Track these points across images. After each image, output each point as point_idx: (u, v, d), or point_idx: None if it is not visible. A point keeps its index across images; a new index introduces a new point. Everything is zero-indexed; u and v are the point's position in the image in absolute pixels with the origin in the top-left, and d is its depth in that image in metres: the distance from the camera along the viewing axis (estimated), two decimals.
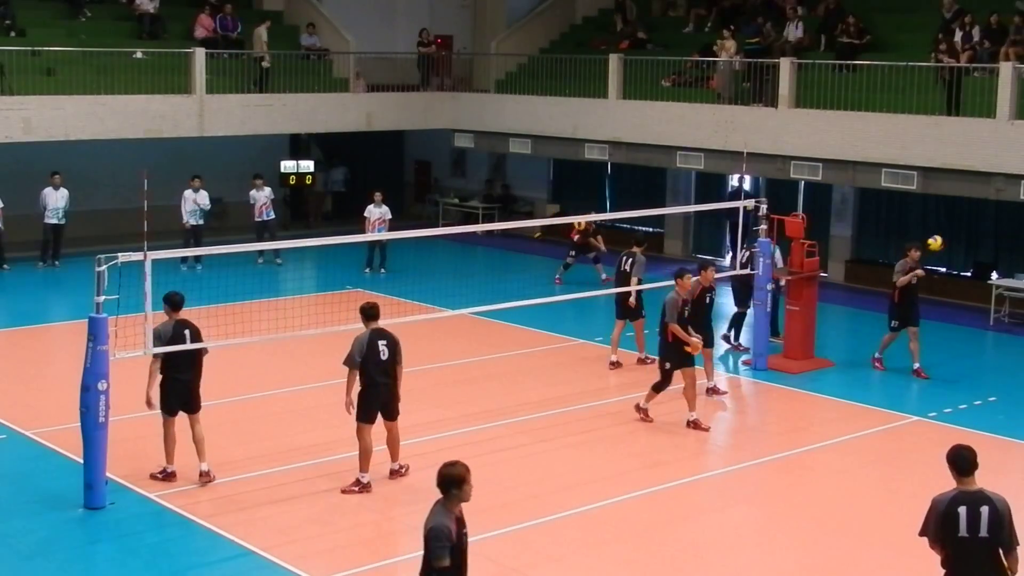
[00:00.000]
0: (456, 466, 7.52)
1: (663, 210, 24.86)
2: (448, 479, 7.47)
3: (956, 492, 7.79)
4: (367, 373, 11.87)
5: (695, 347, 14.00)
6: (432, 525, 7.42)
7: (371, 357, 11.83)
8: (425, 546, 7.47)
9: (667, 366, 14.15)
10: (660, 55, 26.39)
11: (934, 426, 14.81)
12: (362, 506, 11.79)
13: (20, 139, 23.08)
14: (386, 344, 11.94)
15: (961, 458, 7.84)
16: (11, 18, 24.68)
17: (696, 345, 14.01)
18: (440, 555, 7.38)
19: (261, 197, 24.83)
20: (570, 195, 29.78)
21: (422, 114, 28.89)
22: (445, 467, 7.55)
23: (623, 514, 11.75)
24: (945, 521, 7.72)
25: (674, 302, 14.01)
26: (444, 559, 7.38)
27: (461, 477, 7.48)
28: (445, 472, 7.51)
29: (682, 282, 14.18)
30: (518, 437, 13.91)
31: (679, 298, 14.06)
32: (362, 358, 11.81)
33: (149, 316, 11.96)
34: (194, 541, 10.92)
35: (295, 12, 29.18)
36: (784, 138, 22.64)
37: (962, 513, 7.68)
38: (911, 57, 21.66)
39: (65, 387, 13.44)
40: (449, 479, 7.47)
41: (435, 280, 21.70)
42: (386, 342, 11.95)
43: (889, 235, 24.16)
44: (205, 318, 17.08)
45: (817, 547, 11.14)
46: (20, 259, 23.68)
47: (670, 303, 14.03)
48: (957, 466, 7.83)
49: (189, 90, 24.89)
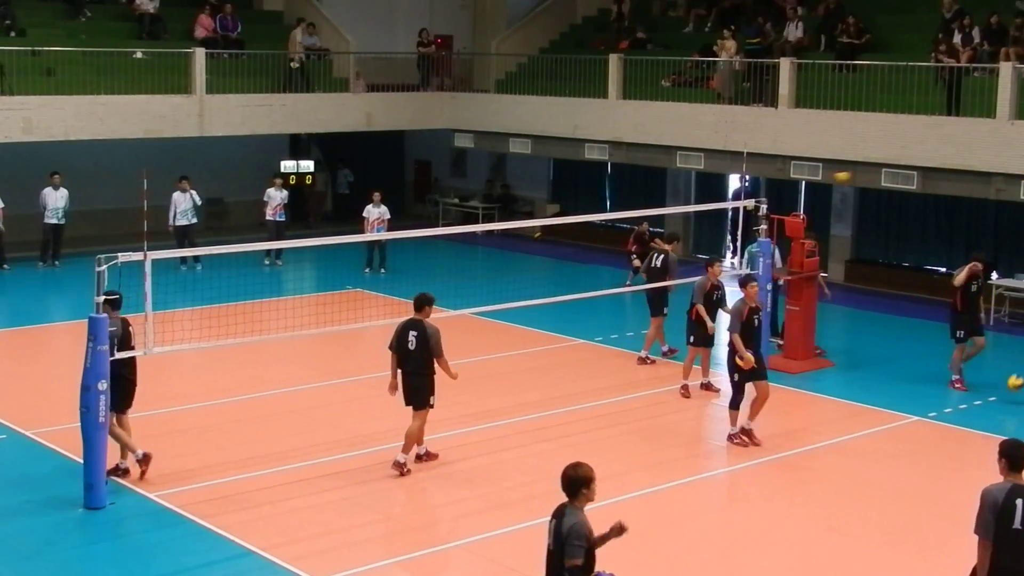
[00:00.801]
0: (583, 467, 7.58)
1: (663, 210, 24.85)
2: (579, 480, 7.53)
3: (1012, 485, 7.85)
4: (399, 361, 12.47)
5: (747, 363, 13.30)
6: (573, 523, 7.47)
7: (400, 346, 12.41)
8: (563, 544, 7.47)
9: (735, 378, 13.57)
10: (660, 55, 26.39)
11: (934, 426, 14.81)
12: (362, 506, 11.79)
13: (20, 139, 23.08)
14: (416, 336, 12.31)
15: (1018, 452, 7.92)
16: (11, 18, 24.67)
17: (749, 361, 13.29)
18: (576, 554, 7.42)
19: (277, 197, 24.84)
20: (570, 195, 29.79)
21: (422, 114, 28.89)
22: (573, 469, 7.57)
23: (623, 514, 11.65)
24: (1002, 514, 7.77)
25: (739, 311, 13.53)
26: (579, 558, 7.44)
27: (590, 477, 7.55)
28: (574, 474, 7.55)
29: (748, 290, 13.63)
30: (518, 437, 13.91)
31: (744, 307, 13.53)
32: (391, 346, 12.49)
33: (149, 316, 11.97)
34: (194, 541, 10.92)
35: (295, 12, 29.18)
36: (784, 138, 22.64)
37: (1019, 506, 7.75)
38: (911, 57, 21.66)
39: (65, 387, 13.43)
40: (579, 480, 7.53)
41: (435, 280, 21.68)
42: (416, 333, 12.32)
43: (889, 235, 24.16)
44: (205, 318, 17.16)
45: (817, 547, 11.14)
46: (20, 259, 23.68)
47: (735, 312, 13.61)
48: (1012, 460, 7.92)
49: (189, 90, 24.89)
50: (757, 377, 13.56)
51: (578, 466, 7.59)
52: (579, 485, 7.53)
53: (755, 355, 13.42)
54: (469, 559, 10.72)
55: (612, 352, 18.13)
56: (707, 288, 15.39)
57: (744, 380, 13.53)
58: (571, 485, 7.55)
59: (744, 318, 13.43)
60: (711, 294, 15.52)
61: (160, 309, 12.09)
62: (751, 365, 13.32)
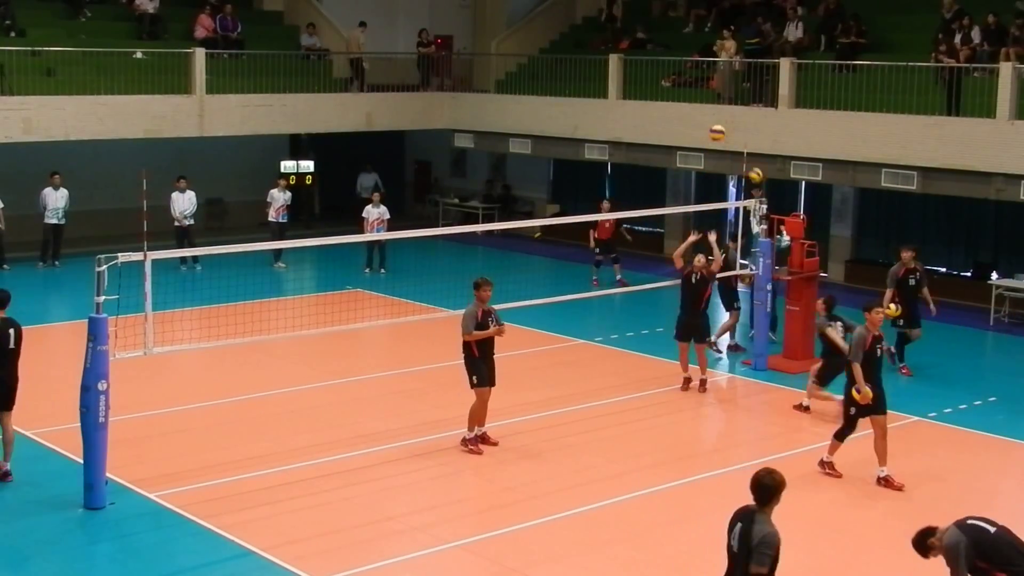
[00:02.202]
0: (776, 474, 7.46)
1: (663, 210, 24.84)
2: (773, 487, 7.42)
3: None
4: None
5: (864, 398, 12.35)
6: (766, 532, 7.36)
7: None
8: (750, 550, 7.39)
9: (852, 411, 12.61)
10: (660, 55, 26.39)
11: (934, 426, 14.81)
12: (362, 506, 11.79)
13: (20, 139, 23.08)
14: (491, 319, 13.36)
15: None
16: (11, 18, 24.67)
17: (867, 396, 12.34)
18: (764, 563, 7.34)
19: (281, 198, 24.79)
20: (570, 195, 29.77)
21: (422, 114, 28.89)
22: (768, 476, 7.46)
23: (623, 514, 11.75)
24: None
25: (862, 339, 12.49)
26: (766, 567, 7.35)
27: (783, 485, 7.45)
28: (769, 481, 7.44)
29: (872, 316, 12.62)
30: (518, 437, 13.90)
31: (868, 334, 12.52)
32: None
33: (149, 316, 11.97)
34: (194, 541, 10.92)
35: (295, 12, 29.19)
36: (784, 138, 22.63)
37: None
38: (911, 57, 21.66)
39: (65, 387, 13.43)
40: (774, 487, 7.43)
41: (435, 280, 21.68)
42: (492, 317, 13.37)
43: (889, 235, 24.15)
44: (205, 318, 17.18)
45: (817, 547, 11.14)
46: (20, 259, 23.66)
47: (858, 340, 12.52)
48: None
49: (189, 90, 24.89)
50: (874, 412, 12.56)
51: (772, 473, 7.46)
52: (773, 492, 7.42)
53: (874, 389, 12.46)
54: (469, 559, 10.72)
55: (612, 352, 18.14)
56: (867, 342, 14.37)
57: (860, 415, 12.59)
58: (765, 492, 7.43)
59: (868, 347, 12.44)
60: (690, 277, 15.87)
61: (160, 309, 12.08)
62: (868, 401, 12.38)
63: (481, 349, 13.33)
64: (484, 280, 13.43)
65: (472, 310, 13.31)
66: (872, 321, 12.55)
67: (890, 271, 16.94)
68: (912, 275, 16.77)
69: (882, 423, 12.58)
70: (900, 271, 16.73)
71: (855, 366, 12.40)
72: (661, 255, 25.85)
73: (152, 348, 12.12)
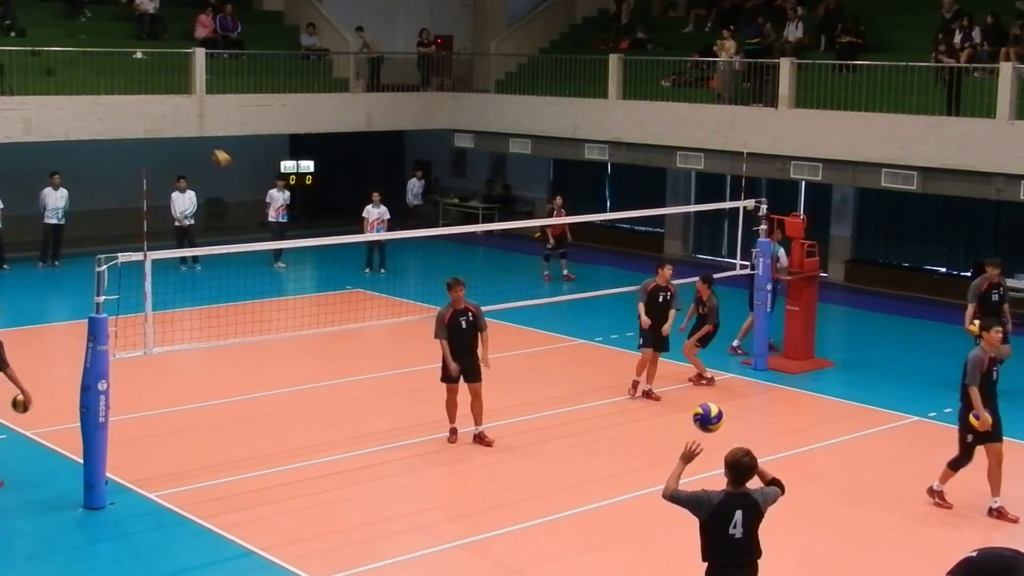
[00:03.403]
0: (750, 452, 8.12)
1: (663, 210, 24.84)
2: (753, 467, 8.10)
3: None
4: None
5: (984, 424, 11.37)
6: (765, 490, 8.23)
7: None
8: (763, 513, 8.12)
9: (969, 439, 11.63)
10: (660, 55, 26.39)
11: (934, 426, 14.81)
12: (362, 506, 11.79)
13: (20, 139, 23.07)
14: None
15: None
16: (11, 18, 24.67)
17: (986, 422, 11.36)
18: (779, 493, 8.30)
19: (280, 198, 24.79)
20: (570, 195, 29.70)
21: (422, 114, 28.89)
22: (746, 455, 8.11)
23: (623, 514, 11.75)
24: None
25: (980, 361, 11.45)
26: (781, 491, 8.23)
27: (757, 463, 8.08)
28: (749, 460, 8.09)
29: (989, 336, 11.60)
30: (518, 437, 13.91)
31: (985, 356, 11.49)
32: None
33: (149, 316, 11.97)
34: (194, 541, 10.92)
35: (295, 12, 29.18)
36: (784, 138, 22.64)
37: None
38: (911, 57, 21.66)
39: (65, 387, 13.43)
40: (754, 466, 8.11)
41: (435, 280, 21.67)
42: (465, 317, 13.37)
43: (889, 235, 24.16)
44: (205, 318, 17.18)
45: (817, 547, 11.14)
46: (20, 259, 23.67)
47: (975, 362, 11.44)
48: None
49: (189, 90, 24.89)
50: (991, 439, 11.59)
51: (748, 452, 8.07)
52: (749, 470, 8.05)
53: (992, 414, 11.48)
54: (469, 559, 10.72)
55: (612, 352, 18.13)
56: (649, 288, 15.20)
57: (976, 442, 11.61)
58: (746, 471, 8.03)
59: (984, 369, 11.40)
60: (656, 294, 15.30)
61: (160, 309, 12.08)
62: (987, 427, 11.40)
63: (453, 348, 13.27)
64: (455, 280, 13.30)
65: (441, 312, 13.28)
66: (990, 341, 11.51)
67: (972, 285, 15.94)
68: (996, 290, 15.79)
69: (997, 451, 11.61)
70: (984, 285, 15.71)
71: (972, 390, 11.37)
72: (660, 255, 25.85)
73: (152, 348, 12.12)
